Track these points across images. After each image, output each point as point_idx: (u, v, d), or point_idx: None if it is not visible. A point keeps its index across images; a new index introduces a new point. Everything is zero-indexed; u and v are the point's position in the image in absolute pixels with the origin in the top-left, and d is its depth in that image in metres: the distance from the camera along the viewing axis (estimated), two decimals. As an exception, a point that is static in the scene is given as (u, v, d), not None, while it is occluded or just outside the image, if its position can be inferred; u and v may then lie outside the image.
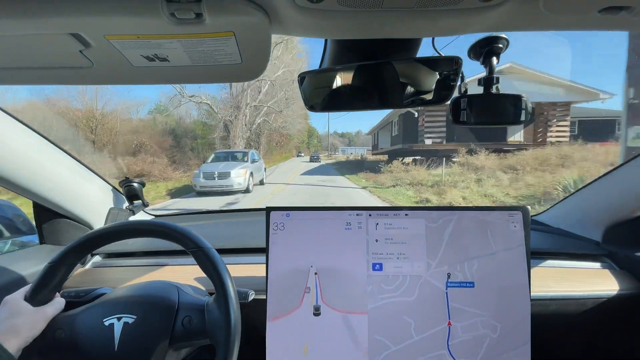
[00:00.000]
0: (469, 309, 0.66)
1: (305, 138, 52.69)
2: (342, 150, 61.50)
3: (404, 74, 0.69)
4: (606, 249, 0.92)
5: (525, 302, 0.66)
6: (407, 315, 0.66)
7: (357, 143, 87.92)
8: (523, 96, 0.64)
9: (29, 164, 0.79)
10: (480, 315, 0.66)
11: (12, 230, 1.25)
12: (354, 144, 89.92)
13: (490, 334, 0.65)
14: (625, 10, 0.40)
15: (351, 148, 66.37)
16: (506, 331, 0.65)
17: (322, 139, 73.14)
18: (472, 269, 0.67)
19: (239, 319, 0.57)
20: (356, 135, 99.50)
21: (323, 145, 70.60)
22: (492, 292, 0.66)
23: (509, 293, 0.66)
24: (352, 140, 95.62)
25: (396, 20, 0.45)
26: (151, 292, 0.62)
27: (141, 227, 0.62)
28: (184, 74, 0.56)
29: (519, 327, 0.65)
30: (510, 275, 0.67)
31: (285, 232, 0.70)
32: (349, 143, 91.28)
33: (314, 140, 68.39)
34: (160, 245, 0.99)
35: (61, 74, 0.56)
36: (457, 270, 0.67)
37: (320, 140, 71.78)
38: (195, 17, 0.40)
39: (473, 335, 0.65)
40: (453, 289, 0.67)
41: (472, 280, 0.67)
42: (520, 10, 0.43)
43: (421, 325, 0.66)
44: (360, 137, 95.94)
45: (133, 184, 1.08)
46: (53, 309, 0.59)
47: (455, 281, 0.67)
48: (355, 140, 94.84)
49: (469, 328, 0.66)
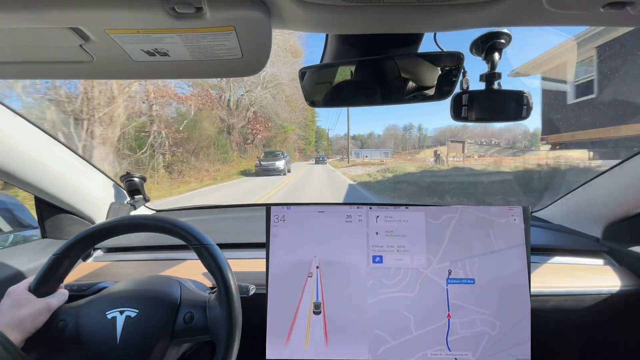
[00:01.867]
0: (468, 306, 0.66)
1: (313, 138, 49.23)
2: (356, 154, 57.82)
3: (405, 70, 0.69)
4: (606, 246, 0.92)
5: (525, 302, 0.66)
6: (407, 310, 0.67)
7: (371, 145, 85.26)
8: (525, 92, 0.64)
9: (31, 159, 0.79)
10: (480, 312, 0.66)
11: (14, 225, 1.26)
12: (367, 146, 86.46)
13: (489, 331, 0.66)
14: (629, 6, 0.40)
15: (366, 150, 62.53)
16: (505, 329, 0.66)
17: (332, 142, 69.72)
18: (474, 266, 0.67)
19: (239, 316, 0.57)
20: (369, 137, 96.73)
21: (334, 148, 67.98)
22: (492, 290, 0.66)
23: (509, 291, 0.66)
24: (364, 143, 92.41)
25: (397, 15, 0.44)
26: (154, 287, 0.63)
27: (146, 222, 0.62)
28: (184, 69, 0.56)
29: (518, 325, 0.66)
30: (511, 274, 0.67)
31: (286, 224, 0.70)
32: (362, 145, 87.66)
33: (323, 142, 64.60)
34: (161, 240, 1.00)
35: (61, 69, 0.56)
36: (458, 267, 0.67)
37: (330, 144, 68.06)
38: (195, 12, 0.40)
39: (472, 332, 0.66)
40: (453, 286, 0.67)
41: (472, 277, 0.67)
42: (522, 5, 0.43)
43: (421, 321, 0.66)
44: (373, 138, 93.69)
45: (134, 178, 1.09)
46: (56, 300, 0.59)
47: (455, 277, 0.67)
48: (368, 142, 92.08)
49: (468, 325, 0.66)
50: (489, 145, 45.08)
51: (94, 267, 0.95)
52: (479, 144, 47.18)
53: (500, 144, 45.60)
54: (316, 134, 53.52)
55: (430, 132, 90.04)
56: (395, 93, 0.71)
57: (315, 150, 54.87)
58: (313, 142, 50.77)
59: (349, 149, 47.18)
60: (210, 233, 0.63)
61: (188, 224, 0.62)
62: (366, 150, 64.64)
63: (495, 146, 44.10)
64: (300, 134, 35.78)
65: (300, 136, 36.83)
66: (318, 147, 61.18)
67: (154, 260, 0.96)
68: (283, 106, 22.77)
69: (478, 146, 44.66)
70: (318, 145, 61.34)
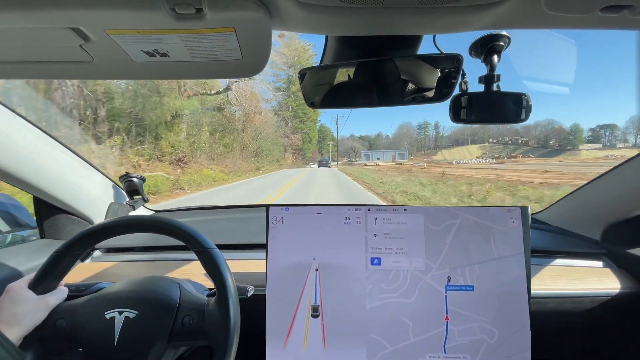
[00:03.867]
0: (467, 313, 0.66)
1: (315, 134, 43.10)
2: (366, 156, 54.41)
3: (405, 71, 0.69)
4: (605, 248, 0.92)
5: (525, 311, 0.66)
6: (405, 316, 0.66)
7: (380, 146, 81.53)
8: (524, 94, 0.64)
9: (30, 159, 0.79)
10: (478, 320, 0.66)
11: (12, 224, 1.25)
12: (376, 147, 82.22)
13: (487, 339, 0.65)
14: (627, 9, 0.40)
15: (377, 152, 57.57)
16: (504, 338, 0.65)
17: (338, 143, 65.25)
18: (473, 273, 0.67)
19: (238, 322, 0.57)
20: (376, 137, 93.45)
21: (340, 150, 64.49)
22: (491, 297, 0.66)
23: (509, 299, 0.66)
24: (372, 144, 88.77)
25: (397, 17, 0.45)
26: (153, 289, 0.63)
27: (146, 223, 0.62)
28: (184, 70, 0.56)
29: (517, 334, 0.65)
30: (511, 282, 0.66)
31: (285, 225, 0.70)
32: (370, 147, 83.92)
33: (327, 142, 61.11)
34: (160, 241, 1.00)
35: (61, 69, 0.56)
36: (457, 273, 0.67)
37: (336, 144, 64.26)
38: (195, 12, 0.40)
39: (470, 340, 0.65)
40: (452, 292, 0.66)
41: (472, 284, 0.67)
42: (521, 8, 0.43)
43: (419, 327, 0.66)
44: (381, 139, 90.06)
45: (133, 179, 1.08)
46: (55, 298, 0.59)
47: (455, 284, 0.67)
48: (377, 143, 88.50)
49: (466, 332, 0.66)
50: (515, 145, 43.56)
51: (93, 268, 0.94)
52: (503, 143, 45.74)
53: (528, 143, 43.99)
54: (320, 133, 51.53)
55: (447, 131, 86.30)
56: (394, 95, 0.71)
57: (320, 152, 52.40)
58: (315, 140, 46.33)
59: (357, 151, 45.13)
60: (209, 233, 0.63)
61: (189, 226, 0.62)
62: (377, 151, 58.42)
63: (523, 145, 42.49)
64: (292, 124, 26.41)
65: (292, 128, 27.71)
66: (322, 149, 58.30)
67: (153, 260, 0.96)
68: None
69: (502, 146, 43.25)
70: (322, 147, 58.47)
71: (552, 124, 47.18)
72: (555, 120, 46.88)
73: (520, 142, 41.62)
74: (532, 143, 41.23)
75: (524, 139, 42.05)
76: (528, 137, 42.97)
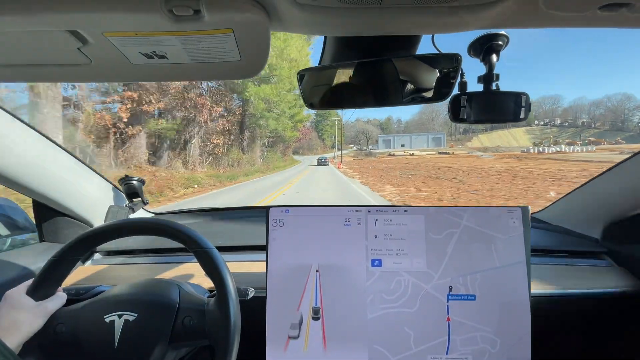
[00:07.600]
0: (469, 323, 0.66)
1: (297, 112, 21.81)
2: (386, 142, 37.89)
3: (403, 71, 0.69)
4: (606, 247, 0.92)
5: (526, 320, 0.66)
6: (407, 326, 0.66)
7: (392, 131, 71.76)
8: (523, 93, 0.64)
9: (29, 162, 0.79)
10: (481, 329, 0.65)
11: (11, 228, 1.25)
12: (389, 131, 69.53)
13: (489, 349, 0.65)
14: (626, 7, 0.40)
15: (403, 136, 37.42)
16: (506, 347, 0.65)
17: (344, 127, 53.04)
18: (475, 282, 0.66)
19: (238, 321, 0.57)
20: (386, 122, 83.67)
21: (347, 137, 50.92)
22: (493, 306, 0.66)
23: (511, 308, 0.66)
24: (384, 129, 79.20)
25: (396, 17, 0.44)
26: (153, 291, 0.62)
27: (146, 225, 0.62)
28: (182, 72, 0.56)
29: (519, 344, 0.65)
30: (512, 290, 0.66)
31: (285, 228, 0.70)
32: (383, 131, 72.25)
33: (327, 127, 45.19)
34: (159, 243, 1.00)
35: (59, 71, 0.55)
36: (459, 283, 0.66)
37: (343, 131, 50.25)
38: (193, 14, 0.40)
39: (472, 349, 0.65)
40: (454, 302, 0.66)
41: (473, 293, 0.66)
42: (520, 7, 0.43)
43: (421, 337, 0.66)
44: (391, 123, 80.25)
45: (133, 181, 1.08)
46: (54, 304, 0.59)
47: (456, 294, 0.66)
48: (390, 128, 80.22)
49: (468, 341, 0.65)
50: (574, 127, 32.01)
51: (93, 271, 0.94)
52: (557, 125, 33.02)
53: (595, 125, 31.37)
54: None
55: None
56: (393, 95, 0.71)
57: (322, 140, 39.42)
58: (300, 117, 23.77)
59: (370, 136, 31.67)
60: (209, 236, 0.63)
61: (187, 227, 0.62)
62: (403, 135, 40.35)
63: (590, 128, 30.60)
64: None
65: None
66: (322, 134, 45.33)
67: (153, 263, 0.96)
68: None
69: (558, 129, 31.02)
70: (322, 132, 44.30)
71: (630, 99, 35.05)
72: (633, 96, 33.97)
73: (581, 124, 33.38)
74: (599, 124, 31.66)
75: (587, 119, 32.44)
76: (593, 119, 33.90)
